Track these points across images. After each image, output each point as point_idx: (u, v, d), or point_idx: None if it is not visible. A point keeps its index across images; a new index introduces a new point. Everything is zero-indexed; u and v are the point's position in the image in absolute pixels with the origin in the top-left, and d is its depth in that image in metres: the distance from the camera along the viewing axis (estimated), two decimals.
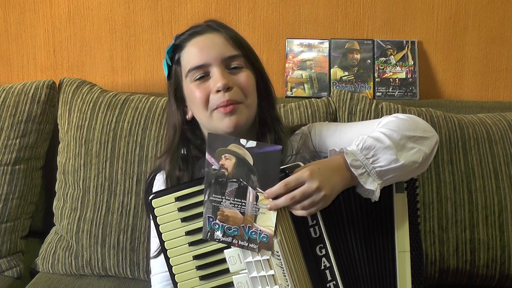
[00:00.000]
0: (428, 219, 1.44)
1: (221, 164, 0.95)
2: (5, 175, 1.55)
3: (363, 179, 0.94)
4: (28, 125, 1.58)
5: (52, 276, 1.53)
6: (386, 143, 0.95)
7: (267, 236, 0.94)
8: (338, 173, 0.94)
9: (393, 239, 1.01)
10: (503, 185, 1.46)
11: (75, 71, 1.87)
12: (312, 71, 1.77)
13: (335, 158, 0.97)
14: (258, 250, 0.95)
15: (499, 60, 1.80)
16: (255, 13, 1.80)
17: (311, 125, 1.18)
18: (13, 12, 1.86)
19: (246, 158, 0.94)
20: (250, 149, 0.94)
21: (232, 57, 1.08)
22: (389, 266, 1.01)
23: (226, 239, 0.96)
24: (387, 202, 1.00)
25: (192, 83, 1.08)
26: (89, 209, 1.50)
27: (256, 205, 0.94)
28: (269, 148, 0.93)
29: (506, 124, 1.52)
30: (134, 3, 1.82)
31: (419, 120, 1.05)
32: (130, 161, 1.49)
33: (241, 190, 0.95)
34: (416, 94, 1.75)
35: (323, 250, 0.96)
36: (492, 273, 1.44)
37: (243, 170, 0.94)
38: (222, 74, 1.05)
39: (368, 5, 1.78)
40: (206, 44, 1.08)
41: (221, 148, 0.95)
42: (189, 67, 1.08)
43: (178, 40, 1.12)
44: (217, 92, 1.05)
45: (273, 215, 0.93)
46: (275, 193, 0.92)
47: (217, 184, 0.95)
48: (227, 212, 0.95)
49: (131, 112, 1.54)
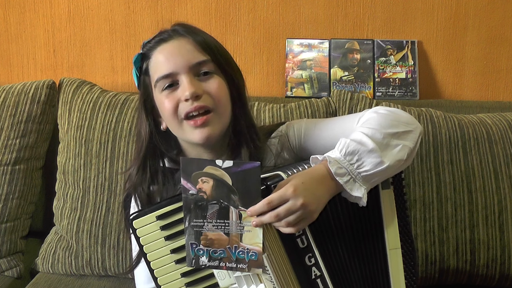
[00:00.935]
0: (428, 219, 1.44)
1: (199, 188, 0.91)
2: (5, 175, 1.55)
3: (349, 186, 0.92)
4: (28, 125, 1.58)
5: (52, 276, 1.53)
6: (369, 146, 0.93)
7: (256, 254, 0.91)
8: (322, 185, 0.92)
9: (383, 238, 1.00)
10: (503, 185, 1.46)
11: (75, 71, 1.87)
12: (312, 71, 1.77)
13: (318, 168, 0.94)
14: (248, 269, 0.92)
15: (499, 60, 1.80)
16: (255, 13, 1.80)
17: (289, 124, 1.14)
18: (13, 12, 1.85)
19: (224, 179, 0.90)
20: (227, 169, 0.90)
21: (200, 63, 1.03)
22: (381, 266, 1.01)
23: (213, 264, 0.93)
24: (374, 201, 0.99)
25: (161, 94, 1.04)
26: (89, 209, 1.50)
27: (241, 224, 0.91)
28: (247, 165, 0.90)
29: (506, 124, 1.52)
30: (134, 3, 1.82)
31: (400, 113, 1.02)
32: (130, 161, 1.49)
33: (223, 211, 0.91)
34: (416, 94, 1.75)
35: (312, 259, 0.95)
36: (492, 273, 1.44)
37: (223, 191, 0.90)
38: (190, 82, 1.01)
39: (368, 5, 1.78)
40: (172, 51, 1.04)
41: (197, 171, 0.91)
42: (157, 77, 1.04)
43: (145, 48, 1.08)
44: (186, 101, 1.01)
45: (259, 231, 0.90)
46: (258, 211, 0.89)
47: (197, 208, 0.91)
48: (211, 235, 0.92)
49: (131, 112, 1.54)
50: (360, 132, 0.96)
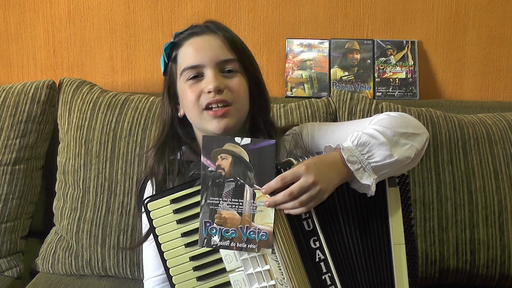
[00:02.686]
0: (428, 219, 1.44)
1: (218, 165, 0.96)
2: (5, 175, 1.55)
3: (359, 174, 0.96)
4: (28, 125, 1.58)
5: (52, 276, 1.53)
6: (380, 139, 0.97)
7: (266, 234, 0.95)
8: (334, 168, 0.96)
9: (388, 232, 1.02)
10: (503, 185, 1.46)
11: (75, 71, 1.87)
12: (312, 71, 1.77)
13: (331, 154, 0.98)
14: (258, 249, 0.95)
15: (499, 60, 1.80)
16: (255, 13, 1.80)
17: (302, 126, 1.19)
18: (13, 12, 1.85)
19: (242, 155, 0.95)
20: (245, 146, 0.96)
21: (226, 60, 1.09)
22: (385, 258, 1.02)
23: (224, 243, 0.96)
24: (380, 196, 1.01)
25: (185, 83, 1.10)
26: (89, 209, 1.50)
27: (254, 204, 0.95)
28: (263, 143, 0.96)
29: (506, 124, 1.52)
30: (134, 3, 1.82)
31: (410, 118, 1.07)
32: (130, 161, 1.49)
33: (238, 190, 0.95)
34: (416, 94, 1.75)
35: (317, 243, 0.97)
36: (492, 273, 1.44)
37: (240, 168, 0.95)
38: (215, 76, 1.07)
39: (368, 5, 1.78)
40: (202, 45, 1.10)
41: (217, 149, 0.96)
42: (184, 66, 1.10)
43: (177, 38, 1.13)
44: (208, 93, 1.07)
45: (271, 211, 0.95)
46: (273, 187, 0.94)
47: (214, 186, 0.96)
48: (225, 214, 0.96)
49: (131, 112, 1.54)
50: (371, 128, 1.01)
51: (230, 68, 1.10)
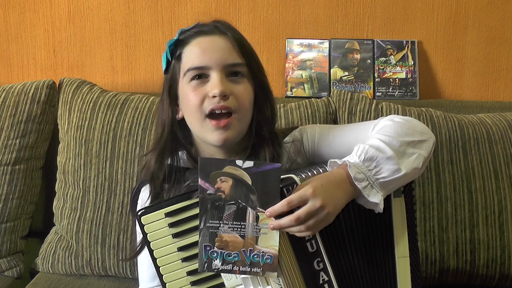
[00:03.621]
0: (428, 219, 1.44)
1: (217, 188, 0.90)
2: (5, 175, 1.55)
3: (367, 192, 0.92)
4: (28, 125, 1.58)
5: (52, 276, 1.53)
6: (387, 153, 0.93)
7: (271, 257, 0.90)
8: (341, 188, 0.92)
9: (392, 245, 1.00)
10: (503, 185, 1.46)
11: (75, 71, 1.87)
12: (312, 71, 1.77)
13: (337, 172, 0.94)
14: (262, 273, 0.91)
15: (499, 60, 1.80)
16: (255, 13, 1.80)
17: (302, 129, 1.14)
18: (13, 12, 1.85)
19: (244, 178, 0.90)
20: (247, 169, 0.90)
21: (234, 64, 1.04)
22: (390, 273, 1.00)
23: (226, 267, 0.92)
24: (385, 208, 0.98)
25: (188, 84, 1.04)
26: (89, 209, 1.50)
27: (257, 226, 0.90)
28: (267, 166, 0.90)
29: (506, 124, 1.52)
30: (134, 3, 1.82)
31: (415, 122, 1.03)
32: (130, 161, 1.49)
33: (240, 212, 0.90)
34: (416, 94, 1.75)
35: (320, 264, 0.94)
36: (492, 273, 1.44)
37: (242, 190, 0.90)
38: (221, 81, 1.01)
39: (368, 5, 1.78)
40: (210, 46, 1.04)
41: (216, 171, 0.90)
42: (189, 66, 1.04)
43: (183, 35, 1.07)
44: (213, 97, 1.01)
45: (276, 234, 0.90)
46: (278, 211, 0.89)
47: (214, 208, 0.91)
48: (226, 237, 0.91)
49: (131, 112, 1.54)
50: (377, 139, 0.96)
51: (237, 72, 1.04)
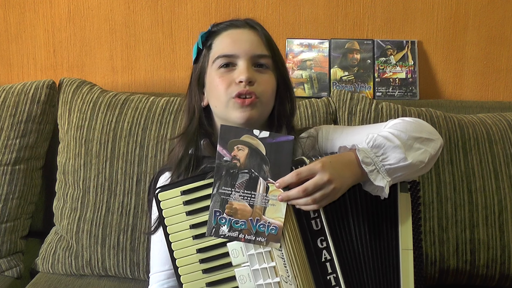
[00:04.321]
0: (428, 219, 1.44)
1: (233, 155, 0.96)
2: (5, 175, 1.55)
3: (373, 176, 0.96)
4: (28, 125, 1.58)
5: (52, 276, 1.53)
6: (395, 142, 0.98)
7: (276, 228, 0.95)
8: (349, 168, 0.97)
9: (397, 236, 1.02)
10: (503, 185, 1.46)
11: (75, 71, 1.87)
12: (312, 71, 1.77)
13: (346, 154, 0.99)
14: (266, 242, 0.95)
15: (499, 60, 1.80)
16: (255, 13, 1.80)
17: (318, 128, 1.20)
18: (13, 12, 1.86)
19: (259, 148, 0.96)
20: (263, 139, 0.96)
21: (261, 56, 1.11)
22: (393, 263, 1.02)
23: (232, 234, 0.96)
24: (391, 200, 1.01)
25: (216, 71, 1.11)
26: (89, 209, 1.50)
27: (266, 197, 0.95)
28: (282, 138, 0.96)
29: (506, 124, 1.52)
30: (134, 3, 1.82)
31: (424, 124, 1.08)
32: (130, 161, 1.49)
33: (251, 182, 0.95)
34: (416, 94, 1.75)
35: (324, 243, 0.97)
36: (492, 273, 1.44)
37: (256, 160, 0.96)
38: (247, 68, 1.08)
39: (368, 5, 1.78)
40: (240, 37, 1.11)
41: (234, 139, 0.96)
42: (218, 54, 1.11)
43: (215, 27, 1.15)
44: (239, 83, 1.07)
45: (283, 206, 0.95)
46: (287, 182, 0.94)
47: (228, 175, 0.96)
48: (236, 204, 0.96)
49: (131, 112, 1.54)
50: (386, 131, 1.02)
51: (262, 64, 1.11)
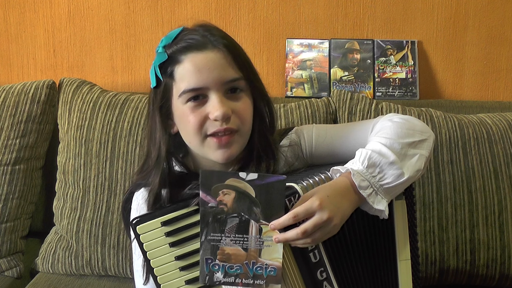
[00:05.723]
0: (428, 219, 1.44)
1: (219, 200, 0.88)
2: (5, 175, 1.55)
3: (372, 199, 0.92)
4: (28, 125, 1.58)
5: (52, 276, 1.53)
6: (390, 157, 0.93)
7: (275, 269, 0.89)
8: (347, 198, 0.91)
9: (394, 249, 1.00)
10: (503, 185, 1.46)
11: (75, 71, 1.87)
12: (312, 71, 1.77)
13: (341, 180, 0.92)
14: (266, 285, 0.90)
15: (499, 60, 1.80)
16: (255, 13, 1.80)
17: (298, 130, 1.11)
18: (13, 12, 1.85)
19: (247, 190, 0.87)
20: (251, 181, 0.87)
21: (232, 80, 0.99)
22: (391, 276, 1.00)
23: (228, 280, 0.90)
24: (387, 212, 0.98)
25: (185, 105, 0.99)
26: (89, 209, 1.50)
27: (260, 239, 0.89)
28: (272, 178, 0.87)
29: (506, 124, 1.52)
30: (134, 3, 1.82)
31: (414, 121, 1.02)
32: (130, 161, 1.49)
33: (242, 225, 0.88)
34: (416, 94, 1.75)
35: (324, 274, 0.93)
36: (492, 273, 1.44)
37: (245, 203, 0.88)
38: (221, 102, 0.96)
39: (368, 5, 1.78)
40: (205, 64, 0.97)
41: (218, 184, 0.87)
42: (184, 88, 0.98)
43: (170, 50, 1.00)
44: (215, 120, 0.97)
45: (280, 246, 0.89)
46: (283, 224, 0.87)
47: (215, 222, 0.88)
48: (228, 250, 0.89)
49: (131, 112, 1.54)
50: (378, 142, 0.95)
51: (235, 87, 1.00)
